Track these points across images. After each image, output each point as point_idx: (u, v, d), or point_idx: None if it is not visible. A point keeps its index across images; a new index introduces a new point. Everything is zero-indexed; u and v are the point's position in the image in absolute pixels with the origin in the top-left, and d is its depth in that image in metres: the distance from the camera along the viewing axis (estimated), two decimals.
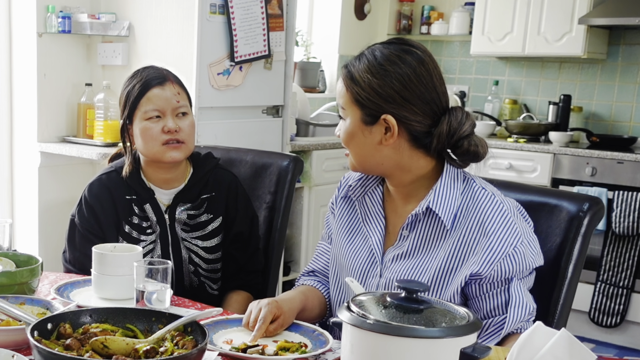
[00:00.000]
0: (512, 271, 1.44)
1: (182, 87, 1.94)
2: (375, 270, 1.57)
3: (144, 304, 1.45)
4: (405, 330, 1.01)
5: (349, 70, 1.52)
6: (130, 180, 1.93)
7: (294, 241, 4.00)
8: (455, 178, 1.51)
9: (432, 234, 1.51)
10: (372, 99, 1.47)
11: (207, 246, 1.95)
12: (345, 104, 1.53)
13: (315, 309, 1.68)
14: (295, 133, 4.00)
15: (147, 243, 1.92)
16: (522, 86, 4.90)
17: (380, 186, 1.62)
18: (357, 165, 1.56)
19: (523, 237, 1.45)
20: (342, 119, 1.56)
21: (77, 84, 3.54)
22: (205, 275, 1.97)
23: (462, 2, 5.03)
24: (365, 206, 1.63)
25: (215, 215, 1.96)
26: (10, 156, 3.59)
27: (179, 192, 1.94)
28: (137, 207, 1.93)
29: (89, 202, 1.94)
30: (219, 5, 3.25)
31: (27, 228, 3.50)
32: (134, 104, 1.89)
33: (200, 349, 1.19)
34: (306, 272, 1.79)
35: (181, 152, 1.89)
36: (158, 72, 1.92)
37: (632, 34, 4.47)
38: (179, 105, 1.89)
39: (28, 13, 3.38)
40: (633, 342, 4.02)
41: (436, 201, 1.48)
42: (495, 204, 1.48)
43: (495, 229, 1.45)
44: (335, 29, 5.08)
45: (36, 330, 1.20)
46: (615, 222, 3.90)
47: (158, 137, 1.87)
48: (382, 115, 1.47)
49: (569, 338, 1.06)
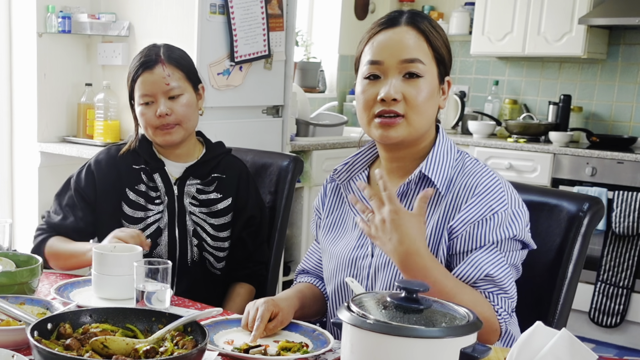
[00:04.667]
0: (486, 236, 1.42)
1: (178, 65, 1.93)
2: (367, 251, 1.55)
3: (144, 304, 1.45)
4: (405, 330, 1.01)
5: (425, 24, 1.46)
6: (141, 150, 1.97)
7: (294, 241, 4.00)
8: (449, 148, 1.52)
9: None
10: (448, 57, 1.49)
11: (215, 223, 1.96)
12: (426, 59, 1.45)
13: (314, 305, 1.68)
14: (295, 133, 4.00)
15: (154, 212, 1.94)
16: (522, 86, 4.90)
17: (366, 171, 1.62)
18: (413, 131, 1.46)
19: (509, 207, 1.44)
20: (413, 76, 1.44)
21: (77, 84, 3.54)
22: (209, 251, 1.97)
23: (462, 2, 5.04)
24: (350, 190, 1.62)
25: (225, 196, 1.97)
26: (10, 156, 3.59)
27: (190, 166, 1.97)
28: (146, 176, 1.95)
29: (91, 168, 1.98)
30: (219, 5, 3.25)
31: (27, 228, 3.50)
32: (131, 87, 1.93)
33: (200, 349, 1.19)
34: (299, 272, 1.80)
35: (176, 134, 1.91)
36: (151, 54, 1.92)
37: (632, 34, 4.47)
38: (169, 87, 1.89)
39: (28, 13, 3.38)
40: (633, 342, 4.02)
41: (429, 167, 1.48)
42: (488, 172, 1.49)
43: (481, 190, 1.44)
44: (335, 29, 5.08)
45: (36, 330, 1.20)
46: (615, 222, 3.90)
47: (152, 122, 1.90)
48: (447, 78, 1.50)
49: (570, 338, 1.06)
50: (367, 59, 1.48)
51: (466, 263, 1.43)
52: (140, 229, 1.92)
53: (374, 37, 1.48)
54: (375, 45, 1.47)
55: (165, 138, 1.91)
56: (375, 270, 1.53)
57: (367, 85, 1.48)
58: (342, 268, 1.60)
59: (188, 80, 1.95)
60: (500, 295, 1.43)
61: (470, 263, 1.42)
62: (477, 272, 1.42)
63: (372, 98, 1.46)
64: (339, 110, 5.09)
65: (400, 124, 1.45)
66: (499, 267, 1.42)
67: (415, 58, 1.44)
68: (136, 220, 1.94)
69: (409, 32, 1.45)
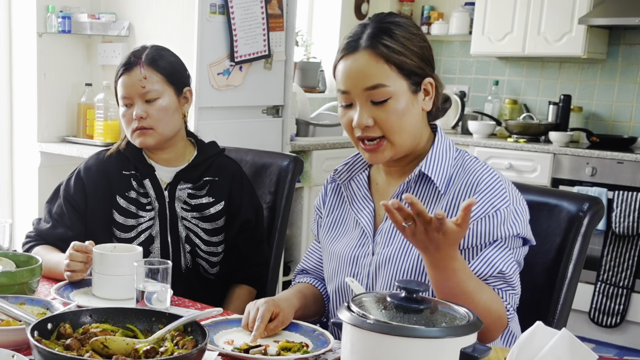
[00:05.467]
0: (489, 234, 1.42)
1: (158, 68, 1.89)
2: (368, 249, 1.56)
3: (144, 304, 1.45)
4: (405, 330, 1.01)
5: (383, 44, 1.43)
6: (131, 155, 1.95)
7: (294, 241, 4.00)
8: (448, 147, 1.53)
9: (422, 201, 1.50)
10: (417, 64, 1.46)
11: (208, 228, 1.94)
12: (388, 79, 1.43)
13: (314, 305, 1.68)
14: (295, 133, 4.00)
15: (146, 219, 1.92)
16: (522, 86, 4.90)
17: (367, 171, 1.62)
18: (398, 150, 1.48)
19: (510, 204, 1.44)
20: (378, 103, 1.43)
21: (77, 84, 3.54)
22: (203, 256, 1.95)
23: (462, 2, 5.03)
24: (351, 190, 1.63)
25: (217, 200, 1.95)
26: (10, 156, 3.59)
27: (180, 171, 1.94)
28: (136, 182, 1.93)
29: (81, 175, 1.96)
30: (219, 5, 3.25)
31: (27, 228, 3.49)
32: (115, 89, 1.94)
33: (200, 349, 1.19)
34: (299, 271, 1.80)
35: (150, 137, 1.89)
36: (132, 56, 1.91)
37: (632, 34, 4.47)
38: (145, 90, 1.88)
39: (28, 13, 3.38)
40: (633, 342, 4.02)
41: (429, 165, 1.49)
42: (488, 169, 1.49)
43: (483, 188, 1.45)
44: (335, 29, 5.08)
45: (36, 330, 1.20)
46: (615, 222, 3.90)
47: (130, 124, 1.90)
48: (425, 79, 1.48)
49: (570, 338, 1.06)
50: (337, 87, 1.50)
51: (479, 260, 1.43)
52: (132, 236, 1.91)
53: (338, 63, 1.49)
54: (340, 74, 1.48)
55: (140, 140, 1.89)
56: (376, 268, 1.53)
57: (343, 111, 1.51)
58: (343, 267, 1.60)
59: (169, 83, 1.90)
60: (508, 292, 1.44)
61: (482, 260, 1.43)
62: (490, 269, 1.42)
63: (350, 123, 1.49)
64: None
65: (385, 146, 1.47)
66: (509, 264, 1.43)
67: (376, 84, 1.43)
68: (127, 228, 1.91)
69: (368, 58, 1.43)
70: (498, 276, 1.43)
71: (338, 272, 1.61)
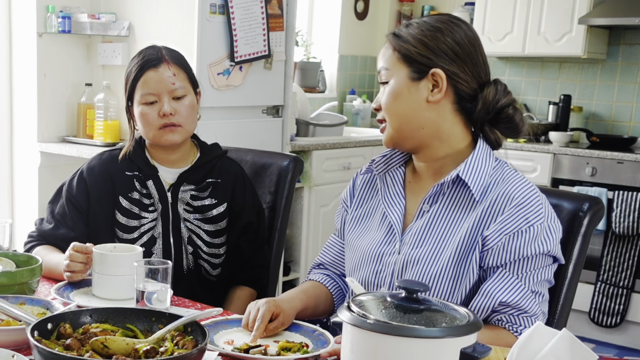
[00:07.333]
0: (521, 249, 1.41)
1: (181, 66, 1.91)
2: (394, 248, 1.54)
3: (144, 304, 1.45)
4: (405, 330, 1.01)
5: (396, 33, 1.53)
6: (134, 156, 1.94)
7: (294, 241, 4.00)
8: (488, 155, 1.52)
9: (456, 206, 1.49)
10: (422, 53, 1.47)
11: (210, 230, 1.94)
12: (390, 64, 1.51)
13: (320, 306, 1.67)
14: (295, 133, 4.00)
15: (148, 220, 1.91)
16: (522, 86, 4.90)
17: (403, 167, 1.61)
18: (394, 133, 1.52)
19: (545, 221, 1.43)
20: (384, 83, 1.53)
21: (77, 84, 3.54)
22: (205, 258, 1.95)
23: (462, 2, 5.03)
24: (385, 183, 1.61)
25: (220, 201, 1.94)
26: (10, 156, 3.59)
27: (183, 172, 1.93)
28: (139, 183, 1.92)
29: (84, 175, 1.95)
30: (219, 5, 3.25)
31: (27, 228, 3.49)
32: (132, 87, 1.90)
33: (200, 349, 1.19)
34: (315, 265, 1.78)
35: (178, 134, 1.89)
36: (154, 53, 1.90)
37: (632, 34, 4.47)
38: (175, 87, 1.87)
39: (28, 13, 3.38)
40: (633, 342, 4.02)
41: (467, 171, 1.47)
42: (527, 183, 1.48)
43: (519, 202, 1.43)
44: (335, 29, 5.08)
45: (36, 330, 1.20)
46: (615, 222, 3.90)
47: (155, 122, 1.87)
48: (432, 70, 1.47)
49: (571, 338, 1.06)
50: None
51: (479, 295, 1.43)
52: (135, 237, 1.90)
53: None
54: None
55: (168, 137, 1.87)
56: (402, 268, 1.52)
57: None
58: (365, 262, 1.58)
59: (190, 82, 1.93)
60: (520, 316, 1.43)
61: (482, 294, 1.43)
62: (489, 302, 1.42)
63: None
64: (339, 110, 5.09)
65: (385, 127, 1.55)
66: (510, 293, 1.42)
67: (381, 67, 1.54)
68: (130, 229, 1.91)
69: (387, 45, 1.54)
70: (502, 305, 1.42)
71: (361, 267, 1.60)
